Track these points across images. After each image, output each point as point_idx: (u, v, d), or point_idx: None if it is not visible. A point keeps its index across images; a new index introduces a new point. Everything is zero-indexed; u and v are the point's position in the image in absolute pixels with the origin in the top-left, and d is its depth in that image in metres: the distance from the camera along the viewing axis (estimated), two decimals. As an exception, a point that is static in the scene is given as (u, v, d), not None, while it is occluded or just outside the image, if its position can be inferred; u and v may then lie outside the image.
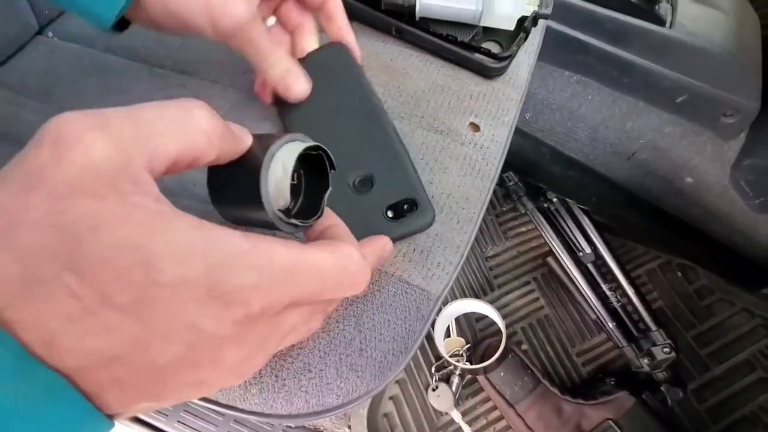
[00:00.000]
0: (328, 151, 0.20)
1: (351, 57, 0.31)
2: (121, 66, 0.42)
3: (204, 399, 0.26)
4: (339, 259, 0.17)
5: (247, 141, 0.18)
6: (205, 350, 0.13)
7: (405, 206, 0.27)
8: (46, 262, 0.11)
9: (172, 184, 0.30)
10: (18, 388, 0.10)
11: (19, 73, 0.43)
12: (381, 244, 0.23)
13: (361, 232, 0.22)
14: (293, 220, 0.19)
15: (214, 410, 0.55)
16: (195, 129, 0.15)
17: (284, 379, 0.25)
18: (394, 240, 0.26)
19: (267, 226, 0.19)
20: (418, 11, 0.36)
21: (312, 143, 0.20)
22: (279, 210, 0.19)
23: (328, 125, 0.29)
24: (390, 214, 0.27)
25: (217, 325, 0.13)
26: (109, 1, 0.23)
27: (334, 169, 0.21)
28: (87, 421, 0.12)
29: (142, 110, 0.14)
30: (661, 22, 0.55)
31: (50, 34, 0.46)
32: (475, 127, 0.35)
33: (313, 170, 0.21)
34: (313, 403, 0.25)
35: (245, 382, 0.25)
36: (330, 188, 0.21)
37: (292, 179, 0.19)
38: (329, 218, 0.21)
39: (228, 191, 0.19)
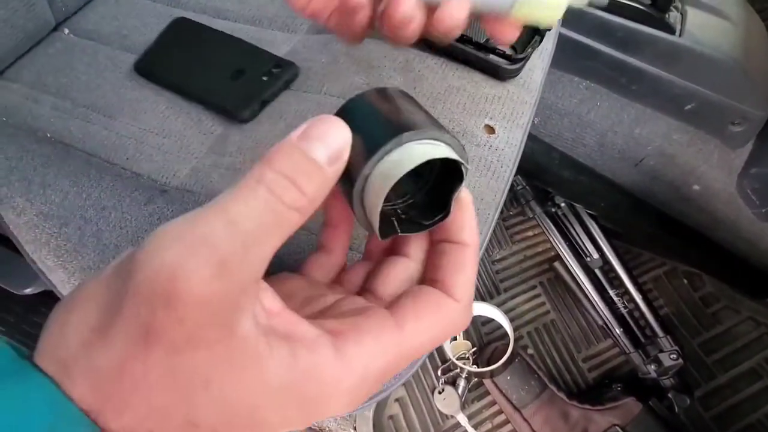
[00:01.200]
0: (462, 160, 0.16)
1: None
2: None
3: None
4: (443, 330, 0.16)
5: (331, 177, 0.14)
6: None
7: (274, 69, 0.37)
8: (167, 420, 0.12)
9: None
10: None
11: (35, 68, 0.44)
12: None
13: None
14: (413, 218, 0.16)
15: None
16: (290, 208, 0.13)
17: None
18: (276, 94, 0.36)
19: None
20: None
21: (430, 155, 0.15)
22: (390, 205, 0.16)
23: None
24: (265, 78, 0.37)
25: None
26: None
27: (467, 167, 0.17)
28: None
29: (242, 214, 0.12)
30: (670, 30, 0.55)
31: (66, 30, 0.47)
32: (490, 129, 0.35)
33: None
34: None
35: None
36: (463, 183, 0.17)
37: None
38: (457, 225, 0.17)
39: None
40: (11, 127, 0.39)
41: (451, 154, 0.16)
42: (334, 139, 0.14)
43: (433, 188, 0.18)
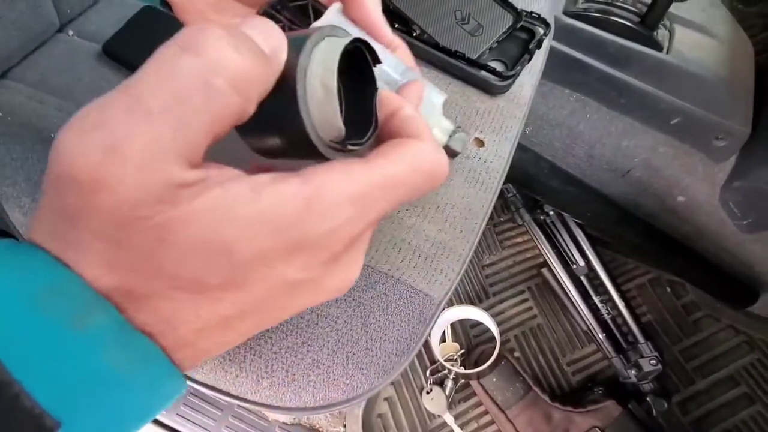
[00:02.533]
0: (368, 42, 0.16)
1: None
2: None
3: (216, 390, 0.28)
4: (412, 164, 0.15)
5: (281, 59, 0.14)
6: (301, 295, 0.14)
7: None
8: (149, 272, 0.12)
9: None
10: (118, 355, 0.12)
11: (39, 69, 0.45)
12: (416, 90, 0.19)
13: None
14: (349, 146, 0.15)
15: (212, 405, 0.56)
16: (222, 92, 0.12)
17: (294, 374, 0.26)
18: None
19: (314, 157, 0.15)
20: None
21: (347, 37, 0.15)
22: (332, 140, 0.15)
23: None
24: None
25: (308, 272, 0.13)
26: None
27: (379, 62, 0.16)
28: (172, 382, 0.14)
29: (145, 100, 0.12)
30: (658, 47, 0.57)
31: (70, 32, 0.48)
32: (480, 142, 0.37)
33: (349, 69, 0.16)
34: (320, 397, 0.27)
35: (257, 375, 0.27)
36: (378, 89, 0.16)
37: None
38: (390, 104, 0.17)
39: (258, 120, 0.14)
40: (16, 126, 0.40)
41: (366, 42, 0.16)
42: (272, 35, 0.13)
43: (349, 110, 0.17)
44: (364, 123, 0.16)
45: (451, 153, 0.22)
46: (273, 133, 0.15)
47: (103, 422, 0.12)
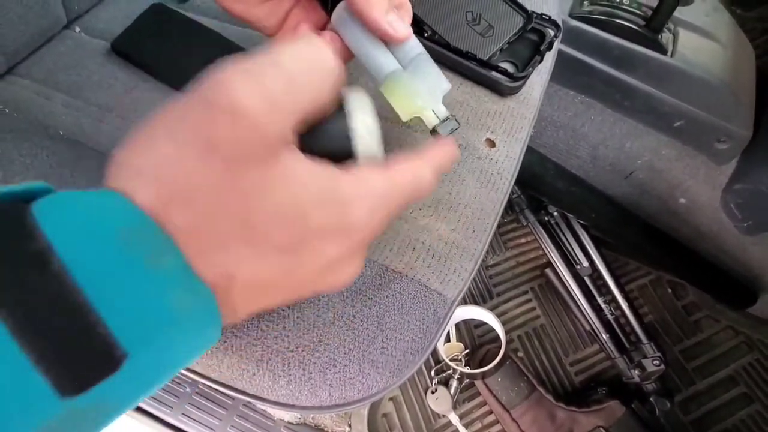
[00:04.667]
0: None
1: None
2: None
3: (231, 388, 0.28)
4: (415, 179, 0.19)
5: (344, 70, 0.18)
6: (331, 273, 0.17)
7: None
8: (225, 220, 0.14)
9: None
10: (182, 297, 0.13)
11: (46, 66, 0.44)
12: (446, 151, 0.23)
13: None
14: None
15: (218, 404, 0.56)
16: (327, 79, 0.16)
17: (311, 373, 0.26)
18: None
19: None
20: None
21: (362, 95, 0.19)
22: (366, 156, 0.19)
23: None
24: None
25: (345, 250, 0.16)
26: None
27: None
28: (214, 330, 0.15)
29: (287, 62, 0.15)
30: (663, 50, 0.58)
31: (77, 29, 0.48)
32: (491, 143, 0.37)
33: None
34: (336, 396, 0.27)
35: (273, 374, 0.26)
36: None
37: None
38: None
39: (317, 141, 0.19)
40: (24, 123, 0.40)
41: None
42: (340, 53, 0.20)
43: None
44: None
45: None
46: (325, 142, 0.19)
47: (160, 359, 0.13)
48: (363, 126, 0.19)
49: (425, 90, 0.24)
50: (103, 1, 0.50)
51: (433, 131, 0.25)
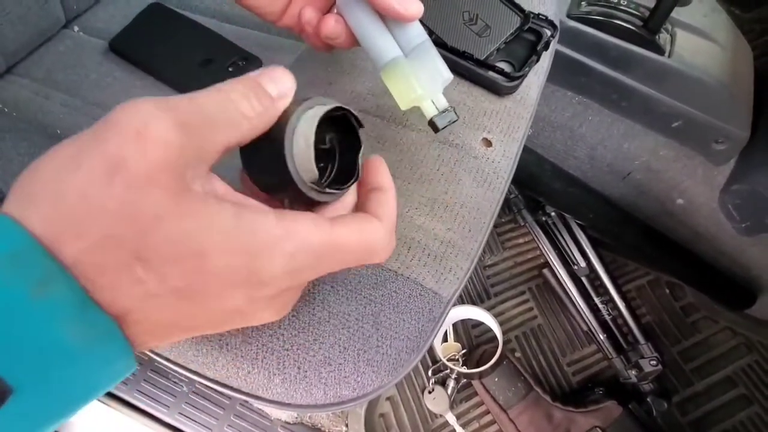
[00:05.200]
0: (351, 110, 0.19)
1: None
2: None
3: (226, 386, 0.28)
4: (366, 240, 0.18)
5: (279, 109, 0.18)
6: (240, 317, 0.16)
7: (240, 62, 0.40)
8: (118, 251, 0.13)
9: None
10: (75, 328, 0.12)
11: (45, 65, 0.44)
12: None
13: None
14: (327, 190, 0.19)
15: (214, 404, 0.56)
16: (244, 116, 0.16)
17: (306, 371, 0.26)
18: None
19: (302, 197, 0.18)
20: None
21: (331, 105, 0.18)
22: (311, 182, 0.18)
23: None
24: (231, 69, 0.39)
25: (252, 302, 0.15)
26: None
27: (361, 127, 0.20)
28: (124, 361, 0.14)
29: (206, 100, 0.15)
30: (660, 51, 0.58)
31: (76, 28, 0.48)
32: (488, 143, 0.37)
33: (343, 130, 0.20)
34: (330, 394, 0.27)
35: (268, 372, 0.27)
36: (362, 147, 0.20)
37: (323, 144, 0.19)
38: (375, 178, 0.21)
39: (257, 162, 0.19)
40: (22, 122, 0.40)
41: (349, 110, 0.19)
42: (283, 82, 0.18)
43: (341, 163, 0.21)
44: (350, 174, 0.20)
45: (434, 127, 0.24)
46: (268, 171, 0.19)
47: (56, 393, 0.12)
48: (301, 152, 0.17)
49: (426, 79, 0.23)
50: (101, 1, 0.50)
51: (431, 122, 0.25)
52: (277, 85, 0.17)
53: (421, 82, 0.24)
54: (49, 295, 0.12)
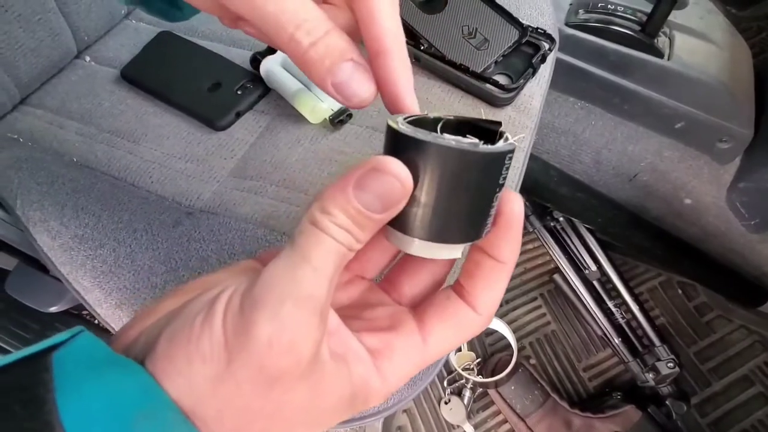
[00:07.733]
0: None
1: None
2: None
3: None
4: (463, 334, 0.17)
5: (393, 212, 0.15)
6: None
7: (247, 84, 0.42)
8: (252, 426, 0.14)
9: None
10: None
11: (59, 95, 0.46)
12: None
13: None
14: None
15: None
16: (348, 257, 0.15)
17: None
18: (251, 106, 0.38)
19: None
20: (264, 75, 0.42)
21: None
22: None
23: None
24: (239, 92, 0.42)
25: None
26: None
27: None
28: None
29: (322, 267, 0.14)
30: (659, 54, 0.58)
31: (87, 58, 0.49)
32: (495, 153, 0.38)
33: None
34: (353, 411, 0.27)
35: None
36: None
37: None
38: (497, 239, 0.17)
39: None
40: (39, 152, 0.41)
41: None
42: (389, 194, 0.14)
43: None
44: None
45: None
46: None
47: None
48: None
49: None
50: (111, 31, 0.51)
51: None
52: (380, 198, 0.14)
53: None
54: None
